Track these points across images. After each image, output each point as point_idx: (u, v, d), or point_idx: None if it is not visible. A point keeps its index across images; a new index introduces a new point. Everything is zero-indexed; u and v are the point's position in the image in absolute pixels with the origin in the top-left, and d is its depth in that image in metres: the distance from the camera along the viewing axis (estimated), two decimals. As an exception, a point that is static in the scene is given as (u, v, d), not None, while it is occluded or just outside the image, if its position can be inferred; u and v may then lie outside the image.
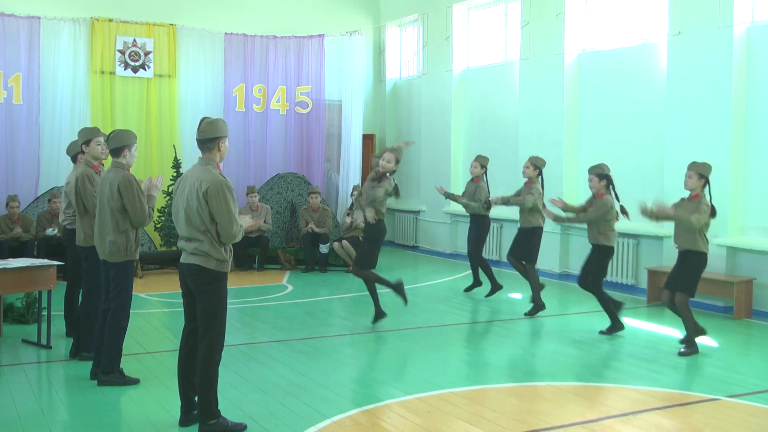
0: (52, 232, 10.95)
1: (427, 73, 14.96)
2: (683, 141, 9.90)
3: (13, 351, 7.24)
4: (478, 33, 14.12)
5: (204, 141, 5.12)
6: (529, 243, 9.27)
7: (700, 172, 7.40)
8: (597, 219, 8.08)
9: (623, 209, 8.10)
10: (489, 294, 10.10)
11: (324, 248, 12.44)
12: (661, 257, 10.15)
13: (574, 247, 11.60)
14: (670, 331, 8.20)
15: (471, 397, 6.06)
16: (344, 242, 12.37)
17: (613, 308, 8.18)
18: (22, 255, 10.14)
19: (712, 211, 7.33)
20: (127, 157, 6.19)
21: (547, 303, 9.28)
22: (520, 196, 9.26)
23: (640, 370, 6.88)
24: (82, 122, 12.46)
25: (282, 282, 11.50)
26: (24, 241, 11.15)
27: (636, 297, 10.32)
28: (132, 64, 13.11)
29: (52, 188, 11.90)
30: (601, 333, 8.16)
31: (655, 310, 9.55)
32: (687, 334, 7.49)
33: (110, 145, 6.22)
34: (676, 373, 6.89)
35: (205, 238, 4.99)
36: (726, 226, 9.37)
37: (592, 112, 11.63)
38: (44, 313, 7.46)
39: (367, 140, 15.61)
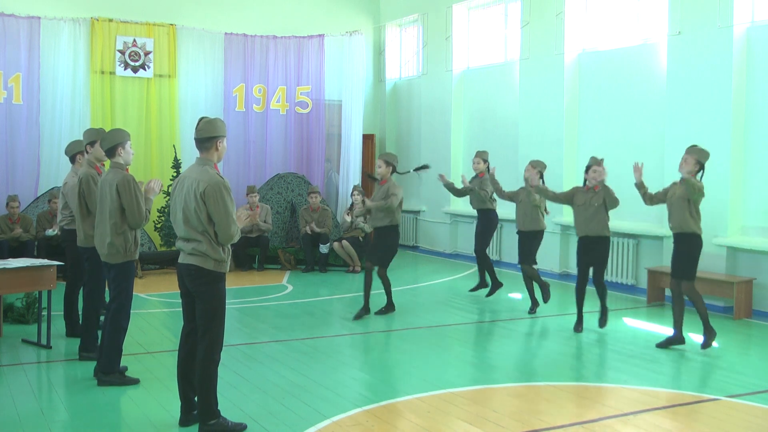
0: (52, 232, 10.94)
1: (427, 73, 14.95)
2: (683, 141, 9.82)
3: (13, 351, 7.23)
4: (478, 33, 14.12)
5: (202, 140, 5.11)
6: (531, 245, 9.28)
7: (699, 159, 7.35)
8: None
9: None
10: (489, 294, 10.09)
11: (324, 248, 12.44)
12: (661, 257, 10.14)
13: (574, 247, 11.55)
14: (670, 332, 8.19)
15: (471, 397, 6.06)
16: (344, 242, 12.37)
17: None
18: (22, 255, 10.14)
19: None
20: (122, 155, 6.17)
21: (547, 303, 9.31)
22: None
23: (640, 370, 6.87)
24: (82, 122, 12.48)
25: (282, 282, 11.50)
26: (24, 241, 11.16)
27: (636, 297, 10.31)
28: (132, 64, 13.11)
29: (52, 188, 11.88)
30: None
31: (655, 310, 9.55)
32: (703, 327, 7.44)
33: (104, 146, 6.23)
34: (676, 373, 6.90)
35: (203, 239, 4.98)
36: (726, 226, 9.37)
37: (592, 112, 11.63)
38: (44, 313, 7.47)
39: (367, 140, 15.61)
